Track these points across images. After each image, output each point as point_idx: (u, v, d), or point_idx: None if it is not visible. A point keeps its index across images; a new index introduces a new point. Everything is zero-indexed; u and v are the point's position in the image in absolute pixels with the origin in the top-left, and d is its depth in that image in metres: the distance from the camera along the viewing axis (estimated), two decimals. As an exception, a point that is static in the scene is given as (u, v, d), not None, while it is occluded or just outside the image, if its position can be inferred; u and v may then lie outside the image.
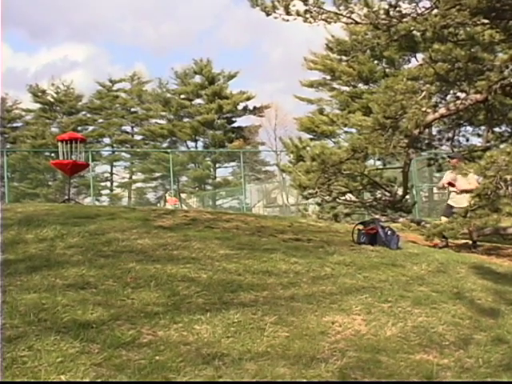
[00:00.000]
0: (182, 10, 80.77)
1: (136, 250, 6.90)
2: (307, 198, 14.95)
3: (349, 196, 14.33)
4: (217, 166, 49.20)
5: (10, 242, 6.94)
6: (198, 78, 50.65)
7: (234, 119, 50.41)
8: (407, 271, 7.51)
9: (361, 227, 9.60)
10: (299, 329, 4.97)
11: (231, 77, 50.08)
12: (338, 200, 14.21)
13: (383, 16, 11.73)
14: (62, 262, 6.14)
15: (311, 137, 35.95)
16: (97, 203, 40.20)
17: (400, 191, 14.03)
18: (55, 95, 53.02)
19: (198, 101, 50.59)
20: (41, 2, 78.58)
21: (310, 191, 13.96)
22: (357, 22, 12.11)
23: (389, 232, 9.40)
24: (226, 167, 50.01)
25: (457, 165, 11.23)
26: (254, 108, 50.25)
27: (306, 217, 14.41)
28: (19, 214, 8.93)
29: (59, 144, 15.05)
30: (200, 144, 51.23)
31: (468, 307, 6.22)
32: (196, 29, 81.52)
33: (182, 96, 50.77)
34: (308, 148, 14.45)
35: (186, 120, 50.50)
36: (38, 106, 53.17)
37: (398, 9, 11.73)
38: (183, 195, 43.93)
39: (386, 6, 11.70)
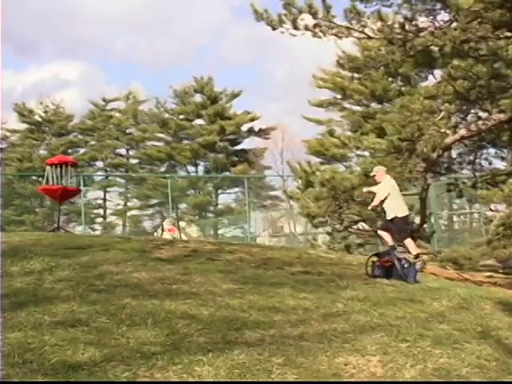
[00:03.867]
0: (180, 25, 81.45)
1: (131, 285, 6.88)
2: (317, 227, 14.94)
3: (361, 225, 14.31)
4: (219, 192, 49.24)
5: (-6, 276, 6.93)
6: (198, 97, 50.91)
7: (237, 141, 50.55)
8: (426, 307, 7.46)
9: (375, 259, 9.56)
10: (309, 371, 4.93)
11: (234, 96, 50.36)
12: (349, 229, 14.19)
13: (398, 30, 11.83)
14: (50, 298, 6.12)
15: (321, 161, 35.95)
16: (89, 232, 40.21)
17: (417, 219, 14.00)
18: (43, 115, 53.24)
19: (199, 121, 50.80)
20: (27, 16, 79.37)
21: (320, 220, 13.95)
22: (370, 37, 12.22)
23: (406, 264, 9.36)
24: (228, 193, 50.04)
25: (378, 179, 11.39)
26: (259, 130, 50.40)
27: (316, 247, 14.39)
28: (4, 244, 8.93)
29: (48, 168, 15.06)
30: (201, 168, 51.34)
31: (494, 347, 6.16)
32: (195, 45, 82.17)
33: (181, 116, 51.00)
34: (317, 173, 14.47)
35: (185, 142, 50.65)
36: (25, 126, 53.37)
37: (414, 22, 11.83)
38: (182, 224, 43.93)
39: (402, 20, 11.81)
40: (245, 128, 50.26)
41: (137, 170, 52.54)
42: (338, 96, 38.80)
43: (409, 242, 11.28)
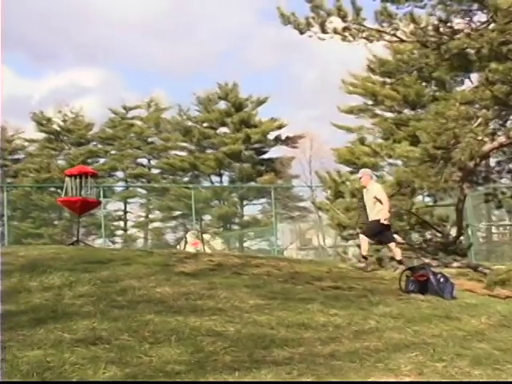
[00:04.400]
0: (203, 30, 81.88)
1: (154, 300, 6.91)
2: (347, 240, 14.89)
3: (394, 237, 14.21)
4: (244, 203, 49.30)
5: (12, 291, 7.01)
6: (222, 104, 51.10)
7: (263, 150, 50.63)
8: (464, 325, 7.39)
9: (409, 273, 9.49)
10: (341, 391, 4.90)
11: (260, 103, 50.45)
12: (382, 242, 14.09)
13: (432, 32, 11.78)
14: (70, 314, 6.17)
15: (351, 170, 35.85)
16: (109, 245, 40.44)
17: (453, 231, 13.88)
18: (62, 124, 53.77)
19: (223, 130, 50.98)
20: (44, 22, 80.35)
21: (350, 231, 13.90)
22: (402, 40, 12.18)
23: (441, 279, 9.28)
24: (254, 204, 50.08)
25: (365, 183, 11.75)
26: (287, 138, 50.42)
27: (346, 261, 14.32)
28: (21, 258, 9.04)
29: (67, 179, 15.19)
30: (225, 178, 51.49)
31: (537, 367, 6.07)
32: (219, 50, 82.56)
33: (205, 124, 51.21)
34: (347, 182, 14.44)
35: (209, 151, 50.83)
36: (43, 135, 53.93)
37: (449, 24, 11.77)
38: (206, 236, 44.02)
39: (436, 22, 11.75)
40: (271, 136, 50.33)
41: (159, 180, 52.74)
42: (369, 102, 38.73)
43: (394, 246, 11.66)
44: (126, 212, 52.95)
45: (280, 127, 50.01)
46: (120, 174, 54.33)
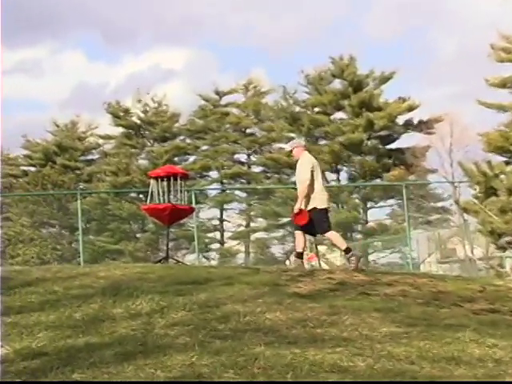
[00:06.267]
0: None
1: (264, 328, 6.94)
2: (504, 249, 14.56)
3: None
4: (368, 205, 49.06)
5: (92, 319, 7.19)
6: (337, 84, 51.04)
7: (390, 139, 50.23)
8: None
9: None
10: None
11: (385, 79, 50.03)
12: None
13: None
14: (162, 347, 6.27)
15: (506, 159, 35.06)
16: (204, 262, 40.92)
17: None
18: (143, 115, 54.95)
19: (339, 115, 50.95)
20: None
21: (508, 239, 13.62)
22: None
23: None
24: (381, 207, 49.78)
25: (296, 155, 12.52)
26: (420, 122, 49.84)
27: (504, 276, 14.02)
28: (102, 279, 9.26)
29: (152, 182, 15.45)
30: (343, 175, 51.38)
31: None
32: (330, 17, 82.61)
33: (317, 109, 51.26)
34: (502, 176, 14.14)
35: (322, 142, 50.89)
36: (120, 130, 55.44)
37: None
38: (322, 248, 44.03)
39: None
40: (400, 121, 49.85)
41: (261, 180, 53.04)
42: (527, 71, 37.78)
43: (334, 235, 12.20)
44: (222, 220, 53.55)
45: (411, 109, 49.42)
46: (214, 173, 55.00)
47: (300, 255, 12.22)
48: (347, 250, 11.96)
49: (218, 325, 7.03)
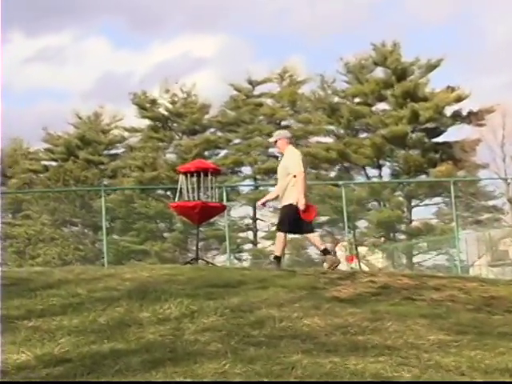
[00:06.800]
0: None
1: (301, 335, 6.93)
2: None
3: None
4: (412, 203, 48.84)
5: (118, 324, 7.21)
6: (379, 72, 50.91)
7: (437, 131, 49.99)
8: None
9: None
10: None
11: (431, 67, 49.81)
12: None
13: None
14: (193, 354, 6.27)
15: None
16: (235, 263, 40.92)
17: None
18: (171, 106, 55.06)
19: (382, 106, 50.77)
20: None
21: None
22: None
23: None
24: (426, 205, 49.55)
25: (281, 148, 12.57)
26: (469, 113, 49.54)
27: None
28: (128, 281, 9.30)
29: (181, 177, 15.43)
30: (386, 171, 51.21)
31: None
32: (372, 1, 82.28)
33: (357, 100, 51.17)
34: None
35: (363, 135, 50.78)
36: (147, 122, 55.57)
37: None
38: (362, 249, 43.93)
39: None
40: (448, 112, 49.58)
41: (297, 176, 52.99)
42: None
43: (312, 236, 12.57)
44: (255, 219, 53.50)
45: (459, 99, 49.14)
46: (247, 169, 54.94)
47: (325, 251, 12.52)
48: (325, 251, 12.53)
49: (251, 331, 7.02)
